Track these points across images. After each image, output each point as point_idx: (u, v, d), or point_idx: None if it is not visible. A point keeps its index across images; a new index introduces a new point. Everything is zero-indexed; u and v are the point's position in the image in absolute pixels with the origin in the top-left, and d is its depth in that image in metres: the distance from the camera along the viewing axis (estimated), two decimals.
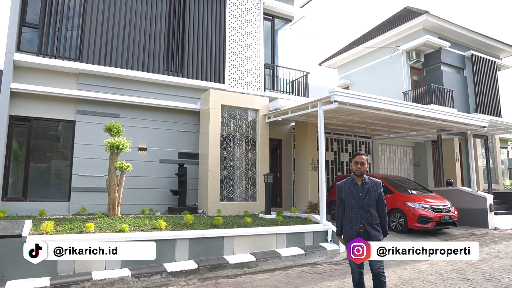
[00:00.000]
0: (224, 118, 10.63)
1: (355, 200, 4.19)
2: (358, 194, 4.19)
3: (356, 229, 4.14)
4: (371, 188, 4.20)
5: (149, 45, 10.80)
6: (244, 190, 10.77)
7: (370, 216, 4.14)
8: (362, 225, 4.13)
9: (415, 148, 17.89)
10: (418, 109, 10.41)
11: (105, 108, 10.10)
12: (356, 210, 4.17)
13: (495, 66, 19.13)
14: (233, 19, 12.29)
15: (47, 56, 9.51)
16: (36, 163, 9.62)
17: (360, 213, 4.15)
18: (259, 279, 6.27)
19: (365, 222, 4.13)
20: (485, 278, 6.10)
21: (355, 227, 4.16)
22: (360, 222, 4.14)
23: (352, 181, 4.30)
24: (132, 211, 9.58)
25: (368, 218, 4.13)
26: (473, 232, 11.26)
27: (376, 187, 4.22)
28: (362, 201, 4.16)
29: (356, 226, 4.15)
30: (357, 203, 4.17)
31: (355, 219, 4.17)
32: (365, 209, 4.15)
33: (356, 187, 4.23)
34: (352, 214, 4.20)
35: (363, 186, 4.21)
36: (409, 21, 17.15)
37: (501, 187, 19.98)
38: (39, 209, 8.62)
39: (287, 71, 13.36)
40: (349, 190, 4.26)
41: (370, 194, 4.19)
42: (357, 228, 4.14)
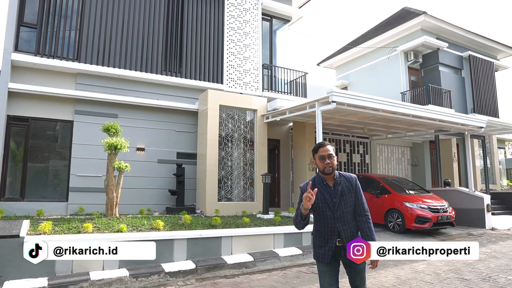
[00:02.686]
0: (222, 118, 10.64)
1: (327, 207, 3.11)
2: (332, 200, 3.11)
3: (332, 245, 3.10)
4: (345, 188, 3.14)
5: (147, 45, 10.80)
6: (242, 190, 10.78)
7: (348, 227, 3.11)
8: (340, 239, 3.11)
9: (413, 148, 17.93)
10: (415, 109, 10.45)
11: (103, 108, 10.09)
12: (329, 221, 3.10)
13: (493, 66, 19.19)
14: (231, 20, 12.29)
15: (45, 56, 9.50)
16: (34, 163, 9.61)
17: (336, 224, 3.09)
18: (257, 279, 6.29)
19: (343, 235, 3.09)
20: (481, 278, 6.13)
21: (330, 242, 3.11)
22: (337, 236, 3.11)
23: (321, 181, 3.18)
24: (130, 211, 9.58)
25: (346, 230, 3.10)
26: (471, 232, 11.30)
27: (350, 186, 3.15)
28: (337, 209, 3.10)
29: (332, 241, 3.11)
30: (332, 212, 3.09)
31: (329, 232, 3.11)
32: (341, 219, 3.10)
33: (329, 190, 3.14)
34: (325, 227, 3.12)
35: (336, 187, 3.14)
36: (407, 22, 17.20)
37: (498, 187, 20.06)
38: (37, 209, 8.64)
39: (285, 71, 13.38)
40: (320, 195, 3.12)
41: (344, 197, 3.12)
42: (334, 243, 3.10)
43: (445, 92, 16.55)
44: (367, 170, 15.80)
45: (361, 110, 9.61)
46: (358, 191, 3.18)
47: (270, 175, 10.10)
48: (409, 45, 16.86)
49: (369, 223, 3.17)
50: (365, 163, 15.89)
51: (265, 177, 9.88)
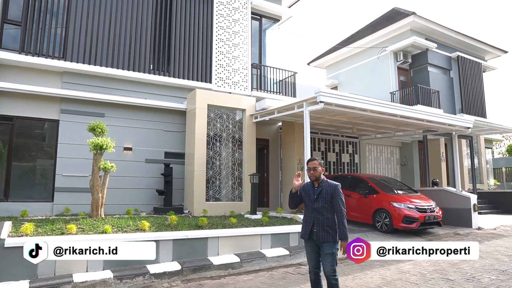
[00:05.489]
0: (210, 118, 10.58)
1: (310, 200, 4.37)
2: (313, 196, 4.36)
3: (309, 228, 4.34)
4: (324, 190, 4.33)
5: (135, 43, 10.69)
6: (231, 190, 10.74)
7: (322, 218, 4.25)
8: (313, 225, 4.29)
9: (402, 148, 18.04)
10: (403, 110, 10.50)
11: (90, 107, 9.97)
12: (310, 210, 4.36)
13: (481, 67, 19.40)
14: (220, 18, 12.23)
15: (30, 54, 9.34)
16: (18, 163, 9.46)
17: (313, 213, 4.31)
18: (243, 280, 6.26)
19: (316, 223, 4.27)
20: (465, 278, 6.18)
21: (308, 226, 4.35)
22: (312, 223, 4.31)
23: (311, 183, 4.49)
24: (117, 211, 9.48)
25: (319, 220, 4.26)
26: (457, 231, 11.40)
27: (329, 189, 4.30)
28: (314, 202, 4.31)
29: (309, 225, 4.33)
30: (311, 204, 4.34)
31: (309, 218, 4.35)
32: (317, 210, 4.29)
33: (313, 189, 4.41)
34: (307, 214, 4.40)
35: (318, 188, 4.37)
36: (397, 22, 17.30)
37: (485, 187, 20.29)
38: (22, 209, 8.48)
39: (274, 71, 13.36)
40: (307, 191, 4.44)
41: (322, 196, 4.31)
42: (310, 227, 4.33)
43: (433, 93, 16.69)
44: (356, 170, 15.86)
45: (349, 110, 9.63)
46: (335, 194, 4.28)
47: (258, 175, 10.07)
48: (399, 46, 16.97)
49: (341, 218, 4.22)
50: (354, 163, 15.94)
51: (253, 177, 9.84)
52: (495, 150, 27.90)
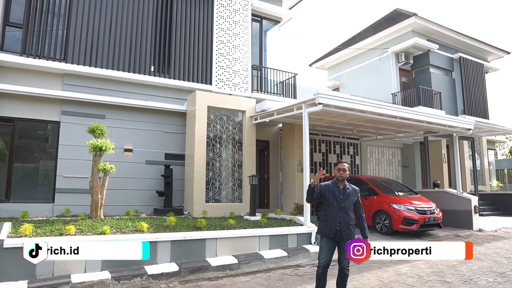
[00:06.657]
0: (210, 119, 10.62)
1: (336, 201, 4.65)
2: (339, 196, 4.66)
3: (334, 227, 4.60)
4: (351, 193, 4.72)
5: (135, 45, 10.75)
6: (231, 192, 10.77)
7: (347, 217, 4.63)
8: (339, 224, 4.59)
9: (403, 149, 18.00)
10: (402, 111, 10.49)
11: (91, 109, 10.04)
12: (335, 209, 4.64)
13: (483, 68, 19.33)
14: (220, 20, 12.27)
15: (31, 56, 9.43)
16: (20, 164, 9.54)
17: (339, 213, 4.61)
18: (240, 281, 6.28)
19: (342, 222, 4.59)
20: (463, 281, 6.17)
21: (333, 224, 4.61)
22: (338, 221, 4.60)
23: (335, 184, 4.77)
24: (117, 212, 9.53)
25: (345, 219, 4.61)
26: (458, 233, 11.37)
27: (355, 193, 4.75)
28: (343, 203, 4.63)
29: (335, 224, 4.60)
30: (338, 204, 4.63)
31: (334, 218, 4.62)
32: (344, 210, 4.63)
33: (339, 190, 4.71)
34: (332, 213, 4.65)
35: (344, 190, 4.71)
36: (398, 23, 17.28)
37: (488, 188, 20.19)
38: (23, 210, 8.57)
39: (275, 72, 13.38)
40: (332, 191, 4.71)
41: (350, 198, 4.69)
42: (335, 226, 4.60)
43: (435, 94, 16.65)
44: (357, 171, 15.84)
45: (348, 112, 9.63)
46: (358, 198, 4.79)
47: (258, 177, 10.10)
48: (400, 47, 16.95)
49: (363, 222, 4.77)
50: (355, 164, 15.92)
51: (252, 178, 9.86)
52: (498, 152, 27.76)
